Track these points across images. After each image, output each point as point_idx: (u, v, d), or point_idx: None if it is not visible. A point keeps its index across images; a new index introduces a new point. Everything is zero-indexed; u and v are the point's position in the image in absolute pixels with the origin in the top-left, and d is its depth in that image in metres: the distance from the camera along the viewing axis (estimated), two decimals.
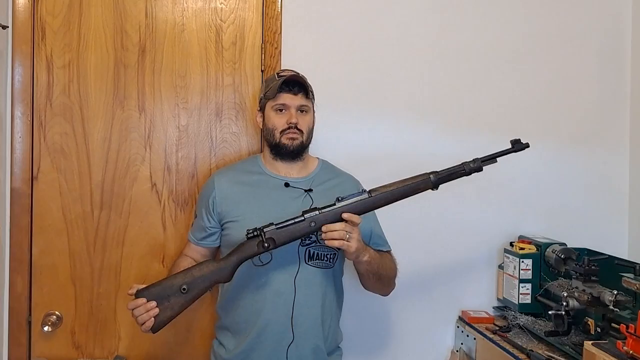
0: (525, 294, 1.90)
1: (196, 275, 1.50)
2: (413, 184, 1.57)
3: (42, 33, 1.91)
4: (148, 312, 1.46)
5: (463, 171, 1.58)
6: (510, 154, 1.60)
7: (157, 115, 1.96)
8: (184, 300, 1.49)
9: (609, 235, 2.11)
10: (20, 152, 1.90)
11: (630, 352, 1.37)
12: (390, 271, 1.71)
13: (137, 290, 1.49)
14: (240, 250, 1.53)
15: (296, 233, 1.52)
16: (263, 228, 1.51)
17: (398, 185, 1.56)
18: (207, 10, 1.97)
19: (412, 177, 1.58)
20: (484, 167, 1.58)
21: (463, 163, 1.58)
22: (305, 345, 1.62)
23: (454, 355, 2.02)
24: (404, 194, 1.57)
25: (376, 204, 1.55)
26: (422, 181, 1.57)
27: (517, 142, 1.59)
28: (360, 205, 1.53)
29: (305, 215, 1.51)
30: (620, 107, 2.15)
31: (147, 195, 1.95)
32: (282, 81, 1.66)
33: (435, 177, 1.57)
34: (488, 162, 1.59)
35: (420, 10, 2.05)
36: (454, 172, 1.58)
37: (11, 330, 1.90)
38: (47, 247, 1.92)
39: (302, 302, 1.61)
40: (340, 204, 1.52)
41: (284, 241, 1.52)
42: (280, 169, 1.72)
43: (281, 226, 1.52)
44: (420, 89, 2.06)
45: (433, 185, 1.57)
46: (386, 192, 1.55)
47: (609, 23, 2.14)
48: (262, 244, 1.50)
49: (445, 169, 1.58)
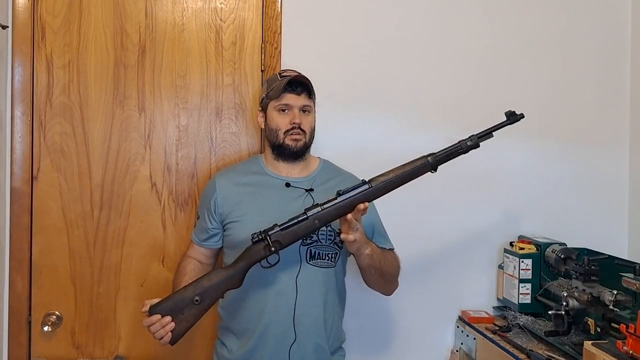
0: (525, 293, 1.90)
1: (207, 286, 1.51)
2: (412, 169, 1.56)
3: (42, 33, 1.91)
4: (164, 327, 1.47)
5: (460, 149, 1.57)
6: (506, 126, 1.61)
7: (157, 115, 1.96)
8: (197, 311, 1.50)
9: (609, 235, 2.11)
10: (20, 152, 1.90)
11: (630, 352, 1.37)
12: (393, 268, 1.71)
13: (151, 306, 1.49)
14: (248, 255, 1.53)
15: (300, 232, 1.52)
16: (268, 231, 1.51)
17: (397, 172, 1.55)
18: (207, 10, 1.97)
19: (410, 161, 1.57)
20: (480, 142, 1.57)
21: (460, 141, 1.57)
22: (308, 344, 1.62)
23: (454, 355, 2.02)
24: (403, 180, 1.55)
25: (377, 193, 1.54)
26: (420, 165, 1.56)
27: (512, 113, 1.58)
28: (361, 197, 1.52)
29: (308, 213, 1.51)
30: (620, 107, 2.15)
31: (147, 195, 1.95)
32: (287, 81, 1.66)
33: (433, 158, 1.56)
34: (484, 137, 1.58)
35: (420, 11, 2.06)
36: (451, 151, 1.57)
37: (11, 330, 1.90)
38: (47, 247, 1.92)
39: (304, 302, 1.61)
40: (342, 197, 1.52)
41: (290, 241, 1.52)
42: (281, 169, 1.72)
43: (285, 227, 1.51)
44: (420, 89, 2.06)
45: (432, 167, 1.56)
46: (386, 180, 1.54)
47: (609, 23, 2.15)
48: (269, 248, 1.50)
49: (442, 150, 1.57)
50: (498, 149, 2.08)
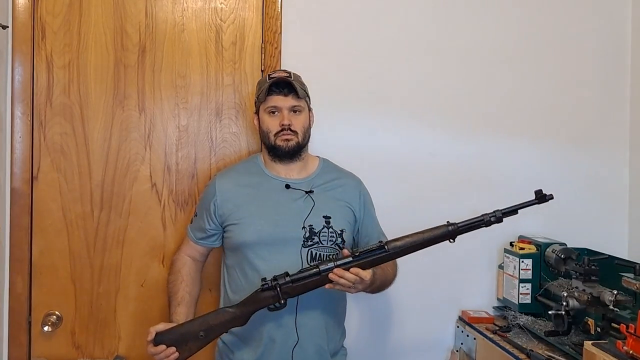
0: (525, 293, 1.90)
1: (213, 324, 1.55)
2: (431, 236, 1.55)
3: (42, 33, 1.91)
4: (168, 357, 1.50)
5: (482, 223, 1.56)
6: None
7: (157, 115, 1.96)
8: (201, 343, 1.55)
9: (609, 235, 2.11)
10: (20, 152, 1.90)
11: (630, 352, 1.37)
12: (391, 276, 1.72)
13: (157, 334, 1.51)
14: (256, 301, 1.54)
15: (310, 286, 1.52)
16: (279, 281, 1.51)
17: (415, 238, 1.55)
18: (207, 10, 1.97)
19: (430, 229, 1.56)
20: (504, 218, 1.57)
21: (483, 215, 1.56)
22: (309, 346, 1.63)
23: (454, 355, 2.02)
24: (421, 246, 1.56)
25: (392, 257, 1.55)
26: (440, 234, 1.56)
27: (541, 194, 1.57)
28: (377, 260, 1.53)
29: (320, 267, 1.50)
30: (620, 107, 2.15)
31: (147, 195, 1.95)
32: (270, 84, 1.66)
33: (453, 228, 1.55)
34: (509, 214, 1.58)
35: (420, 11, 2.05)
36: (473, 224, 1.56)
37: (11, 330, 1.90)
38: (47, 247, 1.92)
39: (305, 304, 1.61)
40: (357, 258, 1.51)
41: (298, 293, 1.53)
42: (280, 170, 1.72)
43: (296, 279, 1.51)
44: (420, 89, 2.06)
45: (451, 237, 1.56)
46: (403, 245, 1.54)
47: (609, 23, 2.14)
48: (278, 299, 1.51)
49: (464, 221, 1.56)
50: (498, 149, 2.09)
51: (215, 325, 1.54)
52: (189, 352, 1.53)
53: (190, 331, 1.53)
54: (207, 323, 1.55)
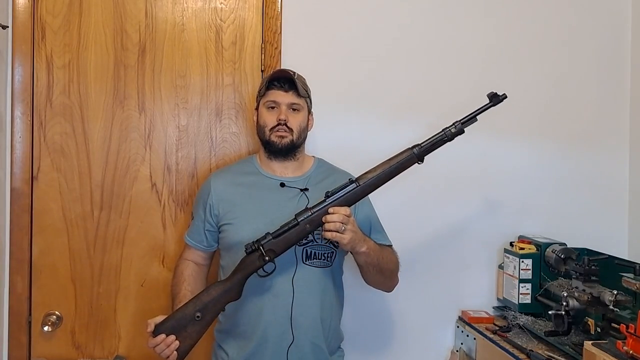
0: (525, 294, 1.90)
1: (206, 301, 1.52)
2: (398, 162, 1.55)
3: (42, 33, 1.91)
4: (169, 347, 1.48)
5: (445, 137, 1.55)
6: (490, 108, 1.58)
7: (157, 115, 1.96)
8: (199, 327, 1.52)
9: (609, 235, 2.11)
10: (20, 152, 1.90)
11: (630, 352, 1.37)
12: (392, 264, 1.70)
13: (155, 326, 1.50)
14: (243, 267, 1.53)
15: (293, 238, 1.52)
16: (260, 241, 1.51)
17: (384, 167, 1.55)
18: (207, 10, 1.97)
19: (395, 155, 1.56)
20: (465, 128, 1.56)
21: (444, 129, 1.55)
22: (305, 345, 1.62)
23: (454, 355, 2.02)
24: (391, 174, 1.55)
25: (366, 190, 1.55)
26: (406, 157, 1.55)
27: (495, 95, 1.56)
28: (351, 196, 1.53)
29: (298, 218, 1.51)
30: (620, 107, 2.15)
31: (147, 195, 1.95)
32: (271, 77, 1.66)
33: (418, 149, 1.55)
34: (468, 122, 1.56)
35: (419, 10, 2.06)
36: (436, 140, 1.55)
37: (11, 330, 1.90)
38: (47, 247, 1.92)
39: (301, 302, 1.60)
40: (331, 199, 1.52)
41: (284, 249, 1.52)
42: (275, 169, 1.71)
43: (277, 235, 1.51)
44: (420, 89, 2.06)
45: (418, 159, 1.55)
46: (373, 176, 1.54)
47: (609, 23, 2.15)
48: (263, 258, 1.51)
49: (427, 140, 1.56)
50: (498, 149, 2.10)
51: (209, 302, 1.52)
52: (190, 340, 1.50)
53: (186, 314, 1.51)
54: (201, 302, 1.52)
